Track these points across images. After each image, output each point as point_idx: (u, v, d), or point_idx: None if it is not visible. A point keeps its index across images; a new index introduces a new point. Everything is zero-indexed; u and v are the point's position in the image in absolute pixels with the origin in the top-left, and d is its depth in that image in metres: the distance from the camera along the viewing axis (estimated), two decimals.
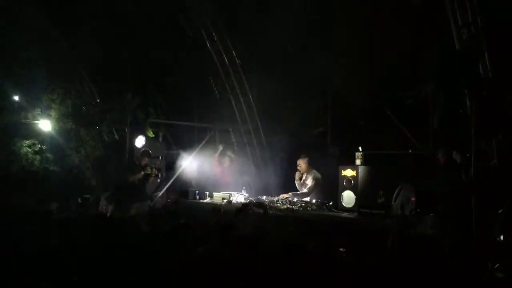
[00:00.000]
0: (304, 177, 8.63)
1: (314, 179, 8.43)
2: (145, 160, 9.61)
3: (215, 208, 8.22)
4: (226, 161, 10.42)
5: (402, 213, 6.70)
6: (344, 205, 7.58)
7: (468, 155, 6.48)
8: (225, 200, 8.46)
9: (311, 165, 8.62)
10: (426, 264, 5.34)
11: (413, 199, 6.80)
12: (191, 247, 4.83)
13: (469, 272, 5.28)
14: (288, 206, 7.85)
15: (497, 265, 5.61)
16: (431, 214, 6.33)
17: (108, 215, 8.50)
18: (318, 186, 8.42)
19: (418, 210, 6.62)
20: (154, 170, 9.77)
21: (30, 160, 12.08)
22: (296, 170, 8.74)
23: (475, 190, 6.18)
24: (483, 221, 5.99)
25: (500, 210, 6.01)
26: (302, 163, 8.61)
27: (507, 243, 5.82)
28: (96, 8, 11.11)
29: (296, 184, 8.77)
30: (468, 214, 6.05)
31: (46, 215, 7.64)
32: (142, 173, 9.43)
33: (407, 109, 9.11)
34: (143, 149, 9.86)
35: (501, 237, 5.89)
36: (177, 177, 10.65)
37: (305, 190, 8.45)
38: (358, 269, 4.90)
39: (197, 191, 9.33)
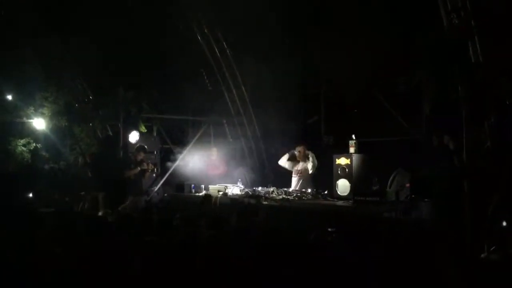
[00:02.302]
0: (301, 166, 8.64)
1: (313, 159, 8.45)
2: (141, 156, 9.62)
3: (205, 198, 8.26)
4: (213, 153, 10.44)
5: (397, 199, 6.72)
6: (339, 193, 7.60)
7: (460, 139, 6.49)
8: (220, 193, 8.47)
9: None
10: (421, 248, 5.37)
11: (407, 185, 6.82)
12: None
13: (463, 256, 5.31)
14: (284, 196, 7.86)
15: (493, 248, 5.66)
16: (426, 200, 6.35)
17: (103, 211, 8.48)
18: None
19: (413, 196, 6.64)
20: (150, 165, 9.77)
21: (25, 159, 12.08)
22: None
23: (468, 175, 6.20)
24: (476, 205, 6.01)
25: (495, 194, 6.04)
26: (302, 150, 8.62)
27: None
28: (87, 3, 11.04)
29: (286, 165, 8.81)
30: (462, 199, 6.08)
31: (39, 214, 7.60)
32: (139, 168, 9.43)
33: (400, 95, 9.11)
34: (138, 145, 9.86)
35: (504, 223, 5.88)
36: (173, 171, 10.66)
37: (310, 170, 8.45)
38: (354, 256, 4.90)
39: (192, 185, 9.33)
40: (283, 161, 8.91)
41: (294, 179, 8.74)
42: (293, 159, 8.80)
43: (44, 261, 4.21)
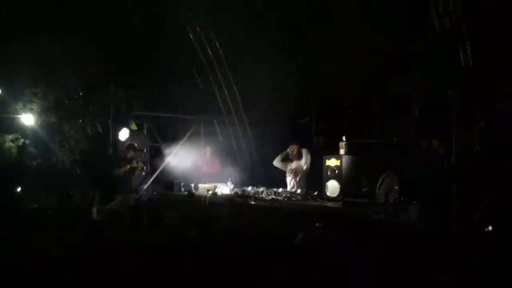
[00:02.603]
0: (294, 165, 8.63)
1: (307, 155, 8.45)
2: (131, 154, 9.57)
3: (190, 197, 8.25)
4: (208, 152, 10.42)
5: (385, 201, 6.74)
6: (328, 194, 7.58)
7: (449, 142, 6.53)
8: (210, 192, 8.44)
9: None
10: (409, 251, 5.39)
11: (396, 187, 6.85)
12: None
13: (452, 259, 5.34)
14: (273, 196, 7.86)
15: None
16: (414, 202, 6.39)
17: (92, 209, 8.44)
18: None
19: (402, 198, 6.67)
20: (140, 163, 9.73)
21: (13, 155, 11.98)
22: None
23: (457, 178, 6.23)
24: (464, 208, 6.05)
25: (484, 198, 6.07)
26: (295, 148, 8.61)
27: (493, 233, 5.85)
28: (79, 1, 10.98)
29: (280, 166, 8.81)
30: (450, 202, 6.11)
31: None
32: (128, 166, 9.39)
33: (390, 98, 9.16)
34: (128, 143, 9.81)
35: (489, 227, 5.91)
36: (162, 169, 10.62)
37: (304, 166, 8.45)
38: (344, 258, 4.91)
39: (182, 183, 9.30)
40: (277, 162, 8.90)
41: (289, 179, 8.73)
42: (286, 159, 8.80)
43: (32, 259, 4.18)
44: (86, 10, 10.90)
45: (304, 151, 8.52)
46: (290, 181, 8.70)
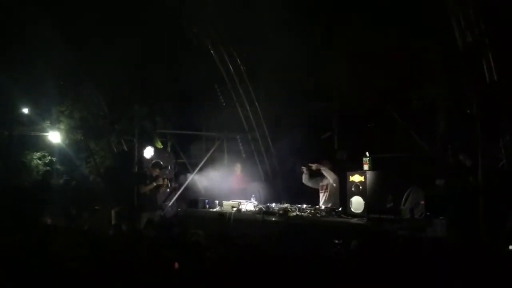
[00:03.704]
0: (324, 181, 8.56)
1: (328, 173, 8.39)
2: (157, 172, 9.64)
3: (221, 215, 8.28)
4: (237, 169, 10.48)
5: (411, 217, 6.68)
6: (353, 210, 7.55)
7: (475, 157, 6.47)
8: (234, 208, 8.47)
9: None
10: (435, 266, 5.33)
11: (422, 202, 6.78)
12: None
13: (479, 275, 5.25)
14: (298, 213, 7.85)
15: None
16: (441, 217, 6.31)
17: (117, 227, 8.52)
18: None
19: (428, 213, 6.60)
20: (166, 181, 9.78)
21: (40, 172, 12.23)
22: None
23: (483, 192, 6.16)
24: (491, 222, 5.96)
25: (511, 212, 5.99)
26: (315, 167, 8.53)
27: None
28: (103, 20, 11.19)
29: (310, 184, 8.77)
30: (477, 217, 6.03)
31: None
32: (154, 184, 9.46)
33: (414, 111, 9.08)
34: (154, 161, 9.90)
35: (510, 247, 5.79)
36: (187, 186, 10.71)
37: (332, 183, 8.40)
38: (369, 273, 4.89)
39: (206, 200, 9.35)
40: (306, 180, 8.83)
41: (321, 195, 8.68)
42: (314, 176, 8.73)
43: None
44: (109, 29, 11.11)
45: (324, 171, 8.44)
46: (321, 197, 8.64)
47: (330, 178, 8.33)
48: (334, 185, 8.34)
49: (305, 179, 8.81)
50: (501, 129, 6.54)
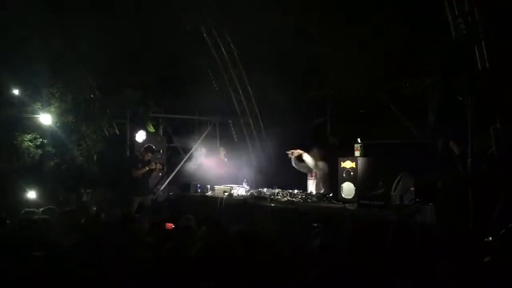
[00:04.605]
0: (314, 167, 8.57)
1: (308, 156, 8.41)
2: (149, 156, 9.63)
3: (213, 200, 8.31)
4: (221, 152, 10.49)
5: (401, 203, 6.74)
6: (344, 196, 7.61)
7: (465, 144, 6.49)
8: (226, 193, 8.51)
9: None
10: (424, 253, 5.41)
11: (412, 189, 6.84)
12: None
13: (467, 262, 5.32)
14: (289, 198, 7.89)
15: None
16: (430, 204, 6.37)
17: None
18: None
19: (417, 200, 6.66)
20: (158, 165, 9.79)
21: (31, 154, 12.18)
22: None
23: (472, 180, 6.20)
24: (480, 210, 6.02)
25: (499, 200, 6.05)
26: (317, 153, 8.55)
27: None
28: (97, 3, 11.09)
29: (297, 166, 8.77)
30: (466, 204, 6.08)
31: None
32: (147, 168, 9.46)
33: (406, 98, 9.10)
34: (146, 145, 9.88)
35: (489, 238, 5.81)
36: (178, 170, 10.72)
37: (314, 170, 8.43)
38: (359, 261, 4.94)
39: (198, 185, 9.38)
40: (294, 163, 8.79)
41: (310, 180, 8.68)
42: (300, 159, 8.72)
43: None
44: (104, 12, 11.01)
45: (304, 156, 8.45)
46: (312, 183, 8.68)
47: (309, 164, 8.33)
48: (318, 172, 8.37)
49: (294, 162, 8.81)
50: (492, 117, 6.59)
